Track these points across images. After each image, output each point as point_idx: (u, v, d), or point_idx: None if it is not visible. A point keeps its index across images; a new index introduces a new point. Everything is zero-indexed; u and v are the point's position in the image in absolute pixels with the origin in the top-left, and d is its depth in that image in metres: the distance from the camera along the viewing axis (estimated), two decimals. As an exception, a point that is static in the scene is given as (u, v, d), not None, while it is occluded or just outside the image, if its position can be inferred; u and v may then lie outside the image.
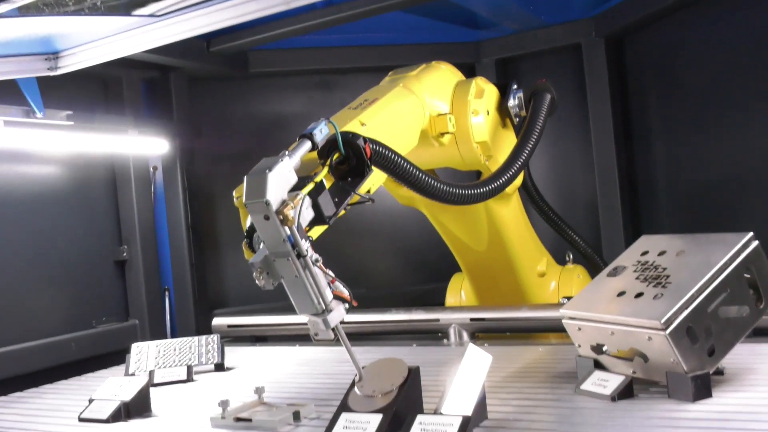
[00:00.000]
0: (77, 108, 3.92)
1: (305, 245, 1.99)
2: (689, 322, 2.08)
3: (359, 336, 3.82)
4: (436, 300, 4.20)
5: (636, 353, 2.19)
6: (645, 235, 2.55)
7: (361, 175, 2.21)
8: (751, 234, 2.22)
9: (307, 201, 2.05)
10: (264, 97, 5.17)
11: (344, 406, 2.12)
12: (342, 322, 2.10)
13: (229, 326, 4.05)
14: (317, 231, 2.18)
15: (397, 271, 5.47)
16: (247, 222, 2.15)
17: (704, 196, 4.58)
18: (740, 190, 4.36)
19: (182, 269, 4.65)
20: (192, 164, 4.76)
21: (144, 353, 3.25)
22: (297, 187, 2.04)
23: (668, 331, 2.05)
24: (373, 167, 2.26)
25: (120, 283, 4.53)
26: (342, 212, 2.21)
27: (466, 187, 2.70)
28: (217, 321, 4.09)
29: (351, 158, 2.20)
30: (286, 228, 1.96)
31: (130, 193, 4.51)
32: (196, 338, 3.34)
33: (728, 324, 2.16)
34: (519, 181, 3.31)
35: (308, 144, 2.14)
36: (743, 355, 2.47)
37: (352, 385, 2.18)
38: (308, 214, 2.06)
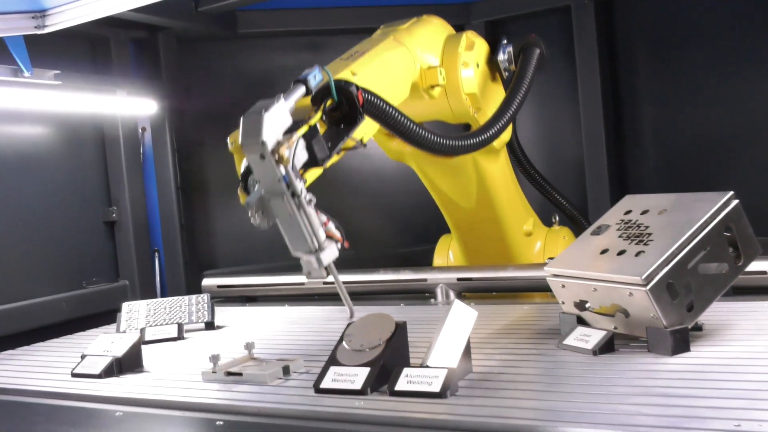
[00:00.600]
0: (65, 68, 3.89)
1: (299, 185, 2.03)
2: (669, 278, 2.13)
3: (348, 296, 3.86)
4: (424, 262, 4.25)
5: (618, 309, 2.25)
6: (629, 194, 2.59)
7: (354, 122, 2.26)
8: (731, 193, 2.27)
9: (302, 143, 2.09)
10: (253, 58, 5.14)
11: (333, 360, 2.18)
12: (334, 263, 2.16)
13: (219, 286, 4.09)
14: (312, 175, 2.21)
15: (386, 232, 5.51)
16: (242, 165, 2.18)
17: (691, 158, 4.63)
18: (726, 152, 4.41)
19: (172, 230, 4.67)
20: (181, 125, 4.75)
21: (135, 312, 3.29)
22: (291, 130, 2.08)
23: (649, 286, 2.10)
24: (365, 116, 2.30)
25: (110, 244, 4.54)
26: (335, 158, 2.25)
27: (456, 138, 2.76)
28: (206, 281, 4.12)
29: (344, 105, 2.24)
30: (281, 168, 2.00)
31: (119, 154, 4.49)
32: (186, 297, 3.38)
33: (707, 281, 2.21)
34: (507, 135, 3.37)
35: (302, 89, 2.16)
36: (722, 311, 2.53)
37: (341, 339, 2.23)
38: (302, 155, 2.11)
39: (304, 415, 1.96)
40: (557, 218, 4.06)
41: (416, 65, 2.91)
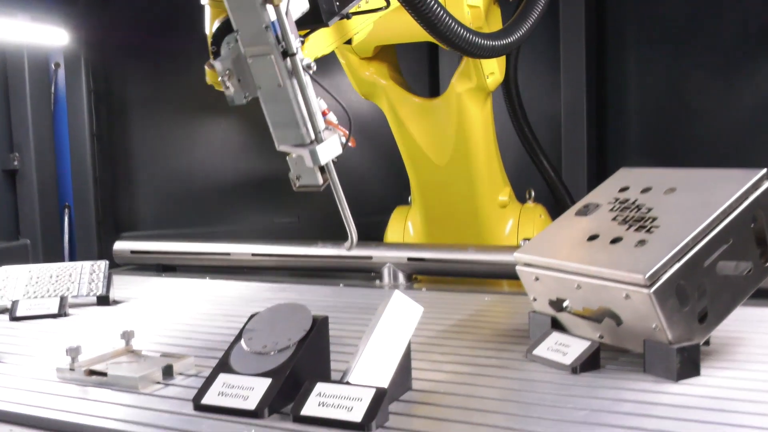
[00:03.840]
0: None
1: (295, 43, 1.44)
2: (680, 278, 1.63)
3: (281, 271, 3.35)
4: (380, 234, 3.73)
5: (606, 314, 1.74)
6: (625, 167, 2.06)
7: None
8: (764, 171, 1.75)
9: None
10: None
11: (224, 365, 1.63)
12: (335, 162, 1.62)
13: (133, 252, 3.59)
14: (316, 50, 1.65)
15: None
16: (215, 24, 1.57)
17: (678, 127, 4.11)
18: (713, 125, 3.89)
19: (84, 184, 4.11)
20: (101, 61, 4.12)
21: (13, 279, 2.76)
22: None
23: (653, 288, 1.60)
24: None
25: (10, 197, 3.98)
26: (351, 28, 1.72)
27: (478, 34, 2.30)
28: (119, 245, 3.64)
29: None
30: (271, 9, 1.41)
31: (23, 92, 3.90)
32: (79, 264, 2.84)
33: (726, 283, 1.70)
34: (501, 76, 3.06)
35: None
36: (732, 321, 2.02)
37: (239, 336, 1.68)
38: (302, 3, 1.51)
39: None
40: (533, 193, 3.55)
41: None
